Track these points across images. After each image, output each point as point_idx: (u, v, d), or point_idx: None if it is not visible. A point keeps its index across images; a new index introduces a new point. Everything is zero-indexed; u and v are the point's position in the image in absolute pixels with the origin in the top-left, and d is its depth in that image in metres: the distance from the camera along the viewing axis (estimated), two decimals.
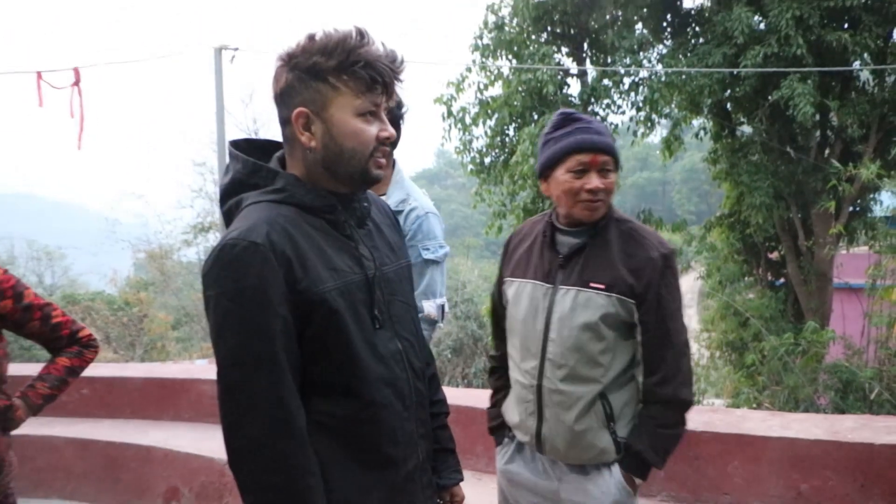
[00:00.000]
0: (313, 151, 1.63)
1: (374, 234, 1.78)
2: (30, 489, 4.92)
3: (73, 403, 5.54)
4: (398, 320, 1.75)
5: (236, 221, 1.61)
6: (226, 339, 1.53)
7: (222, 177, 1.74)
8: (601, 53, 15.78)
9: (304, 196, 1.64)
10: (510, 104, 15.47)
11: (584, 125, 2.25)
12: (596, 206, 2.22)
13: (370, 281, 1.68)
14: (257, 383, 1.51)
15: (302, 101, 1.61)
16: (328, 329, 1.59)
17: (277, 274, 1.52)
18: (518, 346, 2.34)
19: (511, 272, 2.40)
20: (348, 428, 1.63)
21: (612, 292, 2.19)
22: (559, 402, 2.24)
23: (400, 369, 1.71)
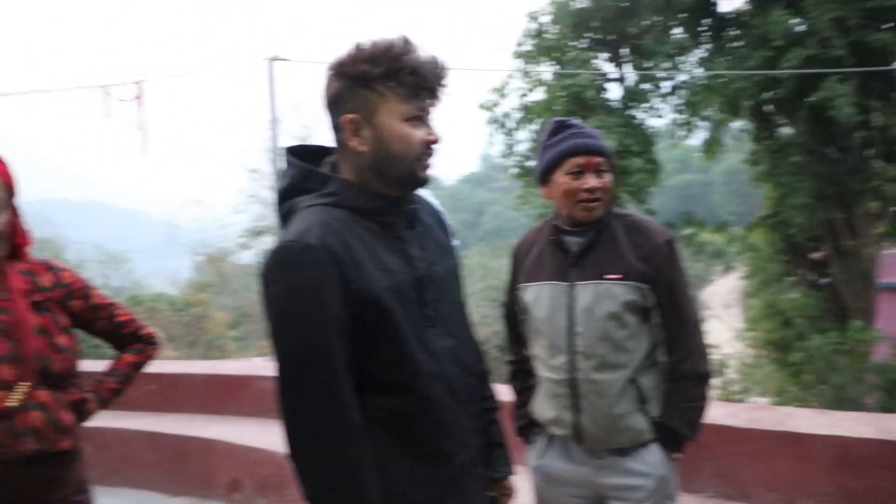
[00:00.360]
0: (363, 156, 1.64)
1: (423, 235, 1.78)
2: (104, 478, 5.02)
3: (141, 398, 5.66)
4: (449, 318, 1.76)
5: (292, 224, 1.62)
6: (283, 337, 1.55)
7: (278, 182, 1.76)
8: (640, 58, 15.65)
9: (355, 199, 1.65)
10: (552, 109, 15.41)
11: (577, 130, 2.36)
12: (594, 206, 2.32)
13: (420, 280, 1.69)
14: (314, 379, 1.53)
15: (351, 108, 1.63)
16: (381, 327, 1.60)
17: (331, 274, 1.53)
18: (545, 345, 2.37)
19: (526, 278, 2.44)
20: (402, 422, 1.64)
21: (628, 280, 2.27)
22: (594, 390, 2.28)
23: (451, 365, 1.71)
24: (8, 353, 1.88)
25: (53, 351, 1.96)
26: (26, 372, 1.89)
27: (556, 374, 2.34)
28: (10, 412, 1.86)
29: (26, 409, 1.89)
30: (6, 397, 1.86)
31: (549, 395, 2.39)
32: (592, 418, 2.30)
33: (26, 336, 1.91)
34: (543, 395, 2.42)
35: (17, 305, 1.92)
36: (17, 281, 1.96)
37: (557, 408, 2.36)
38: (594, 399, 2.29)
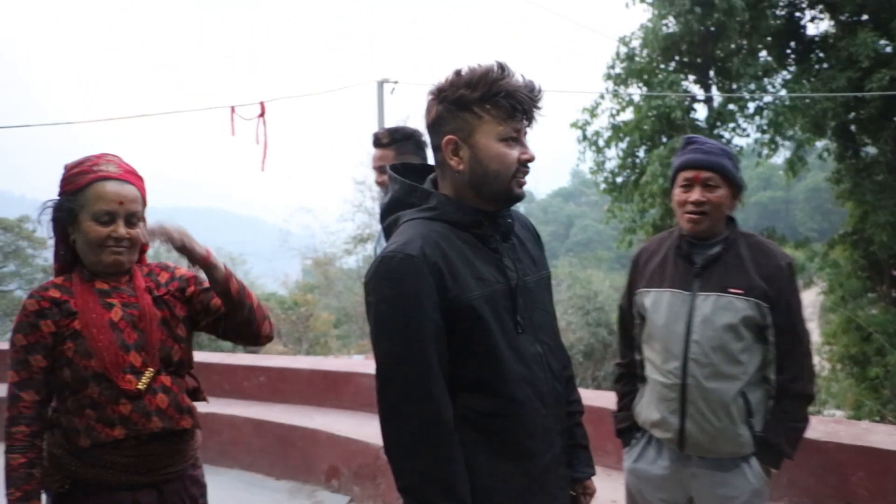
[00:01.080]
0: (461, 174, 1.67)
1: (517, 247, 1.79)
2: (216, 459, 5.20)
3: (252, 388, 5.83)
4: (539, 326, 1.76)
5: (395, 236, 1.66)
6: (383, 339, 1.59)
7: (382, 196, 1.81)
8: (727, 80, 15.25)
9: (454, 213, 1.67)
10: (640, 128, 15.21)
11: (696, 146, 2.34)
12: (698, 219, 2.29)
13: (513, 289, 1.69)
14: (410, 379, 1.55)
15: (451, 130, 1.65)
16: (474, 332, 1.61)
17: (430, 283, 1.55)
18: (659, 350, 2.34)
19: (646, 283, 2.41)
20: (491, 422, 1.64)
21: (749, 296, 2.24)
22: (704, 398, 2.25)
23: (540, 370, 1.71)
24: (136, 342, 1.99)
25: (173, 341, 2.07)
26: (152, 359, 2.00)
27: (667, 379, 2.31)
28: (140, 394, 1.97)
29: (153, 391, 1.99)
30: (137, 381, 1.96)
31: (657, 398, 2.35)
32: (699, 425, 2.27)
33: (151, 327, 2.02)
34: (651, 397, 2.38)
35: (143, 301, 2.04)
36: (141, 280, 2.09)
37: (664, 411, 2.32)
38: (703, 406, 2.26)
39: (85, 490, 1.96)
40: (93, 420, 1.94)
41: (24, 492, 1.89)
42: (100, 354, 1.93)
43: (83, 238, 1.99)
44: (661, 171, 14.00)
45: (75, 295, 1.99)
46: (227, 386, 5.86)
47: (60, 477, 1.98)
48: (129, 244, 2.00)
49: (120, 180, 2.00)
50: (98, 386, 1.93)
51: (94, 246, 1.98)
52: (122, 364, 1.95)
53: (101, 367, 1.92)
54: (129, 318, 2.01)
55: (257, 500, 4.74)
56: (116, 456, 1.96)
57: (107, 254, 1.99)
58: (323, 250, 25.91)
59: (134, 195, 2.02)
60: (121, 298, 2.03)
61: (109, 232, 1.97)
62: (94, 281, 2.03)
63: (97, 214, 1.97)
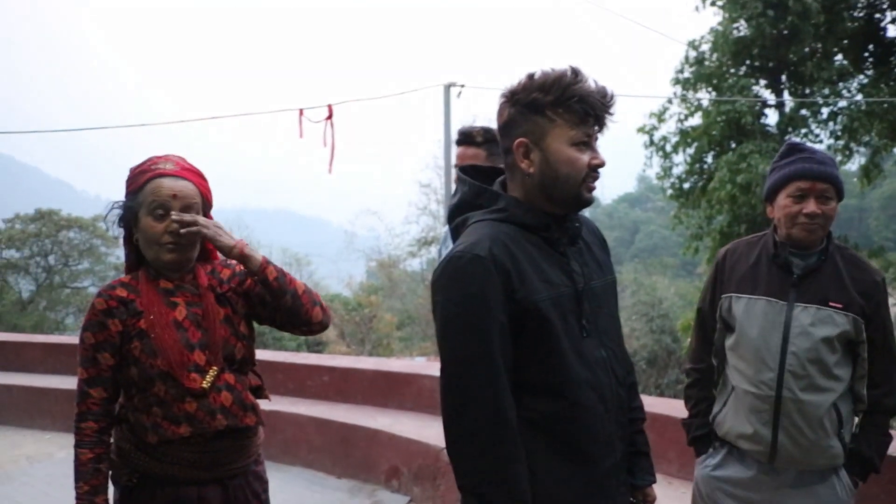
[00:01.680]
0: (531, 177, 1.66)
1: (584, 251, 1.78)
2: (279, 456, 5.29)
3: (315, 388, 5.90)
4: (604, 331, 1.74)
5: (463, 237, 1.67)
6: (450, 338, 1.59)
7: (450, 198, 1.81)
8: (799, 84, 14.82)
9: (522, 216, 1.67)
10: (709, 133, 14.89)
11: (807, 155, 2.28)
12: (813, 229, 2.25)
13: (579, 293, 1.68)
14: (475, 379, 1.55)
15: (522, 133, 1.65)
16: (540, 335, 1.60)
17: (497, 284, 1.55)
18: (751, 360, 2.29)
19: (735, 288, 2.36)
20: (554, 425, 1.63)
21: (848, 311, 2.23)
22: (798, 410, 2.22)
23: (604, 375, 1.70)
24: (200, 341, 2.01)
25: (236, 339, 2.09)
26: (215, 357, 2.02)
27: (759, 390, 2.27)
28: (205, 392, 1.99)
29: (218, 389, 2.02)
30: (202, 380, 1.99)
31: (747, 409, 2.30)
32: (792, 438, 2.24)
33: (215, 326, 2.04)
34: (739, 408, 2.34)
35: (206, 299, 2.06)
36: (204, 279, 2.11)
37: (756, 423, 2.28)
38: (798, 419, 2.23)
39: (152, 484, 2.00)
40: (159, 417, 1.97)
41: (91, 486, 1.95)
42: (165, 354, 1.95)
43: (143, 236, 2.01)
44: (729, 176, 13.69)
45: (141, 294, 2.02)
46: (290, 385, 5.95)
47: (129, 471, 2.02)
48: (185, 240, 2.01)
49: (175, 176, 2.02)
50: (164, 384, 1.97)
51: (152, 243, 2.00)
52: (186, 363, 1.97)
53: (167, 367, 1.95)
54: (193, 316, 2.03)
55: (318, 498, 4.80)
56: (183, 452, 1.99)
57: (164, 251, 2.00)
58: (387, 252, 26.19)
59: (189, 190, 2.03)
60: (185, 297, 2.05)
61: (165, 227, 1.99)
62: (159, 280, 2.05)
63: (152, 209, 1.99)
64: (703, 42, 15.65)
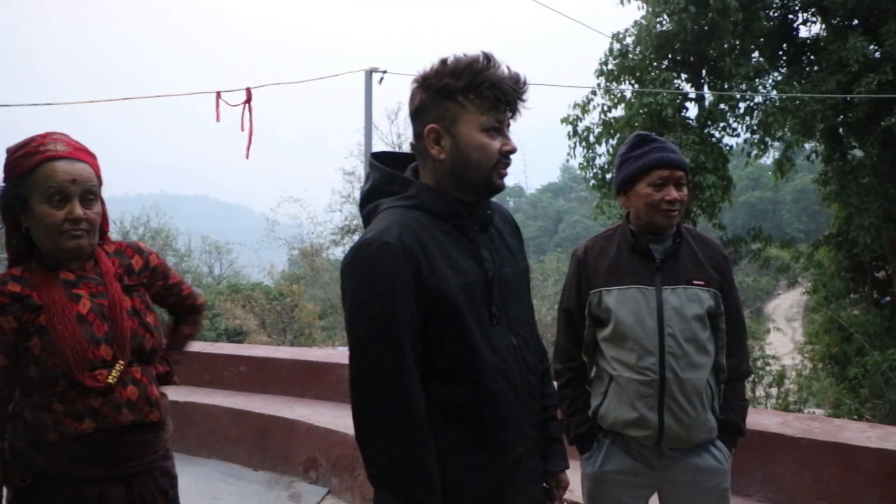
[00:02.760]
0: (442, 163, 1.67)
1: (495, 239, 1.80)
2: (194, 449, 5.19)
3: (232, 378, 5.82)
4: (515, 318, 1.76)
5: (373, 223, 1.66)
6: (358, 326, 1.59)
7: (363, 184, 1.80)
8: (718, 79, 15.31)
9: (433, 203, 1.68)
10: (631, 125, 15.22)
11: (660, 145, 2.42)
12: (674, 215, 2.39)
13: (489, 280, 1.70)
14: (384, 368, 1.55)
15: (433, 118, 1.66)
16: (449, 322, 1.61)
17: (406, 271, 1.56)
18: (631, 347, 2.34)
19: (604, 282, 2.43)
20: (464, 412, 1.64)
21: (710, 287, 2.37)
22: (681, 390, 2.31)
23: (514, 362, 1.72)
24: (106, 335, 1.92)
25: (145, 330, 2.01)
26: (122, 350, 1.94)
27: (644, 376, 2.33)
28: (111, 387, 1.91)
29: (123, 383, 1.94)
30: (107, 375, 1.90)
31: (632, 396, 2.35)
32: (677, 418, 2.32)
33: (122, 318, 1.95)
34: (623, 397, 2.37)
35: (112, 289, 1.97)
36: (108, 265, 2.01)
37: (642, 409, 2.34)
38: (681, 398, 2.32)
39: (49, 484, 1.90)
40: (61, 414, 1.87)
41: None
42: (65, 352, 1.84)
43: (38, 224, 1.89)
44: None
45: (38, 287, 1.90)
46: (207, 375, 5.85)
47: (23, 471, 1.90)
48: (87, 226, 1.91)
49: (70, 158, 1.90)
50: (67, 382, 1.86)
51: (52, 232, 1.88)
52: (91, 360, 1.87)
53: (67, 366, 1.85)
54: (98, 308, 1.93)
55: (234, 491, 4.73)
56: (84, 450, 1.90)
57: (66, 239, 1.89)
58: (310, 241, 25.84)
59: (87, 172, 1.92)
60: (88, 288, 1.95)
61: (65, 214, 1.88)
62: (59, 271, 1.94)
63: (49, 195, 1.86)
64: (626, 35, 15.95)
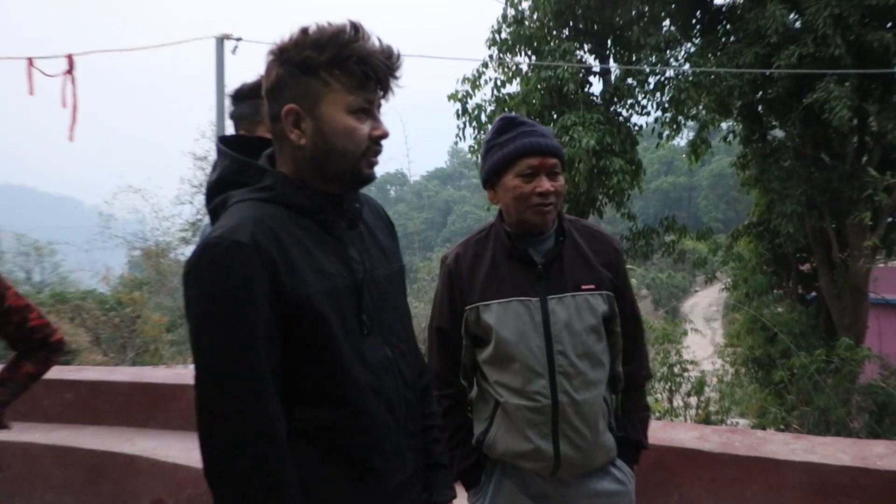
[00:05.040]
0: (303, 149, 1.65)
1: (365, 236, 1.80)
2: (5, 499, 4.94)
3: (55, 408, 5.56)
4: (389, 327, 1.77)
5: (221, 220, 1.63)
6: (205, 341, 1.55)
7: (210, 174, 1.76)
8: (626, 51, 15.74)
9: (292, 195, 1.66)
10: (529, 102, 15.45)
11: (528, 129, 2.35)
12: (547, 210, 2.32)
13: (359, 284, 1.70)
14: (237, 389, 1.53)
15: (292, 97, 1.63)
16: (313, 334, 1.60)
17: (262, 275, 1.53)
18: (518, 369, 2.32)
19: (481, 296, 2.38)
20: (332, 438, 1.64)
21: (601, 290, 2.34)
22: (577, 412, 2.30)
23: (389, 378, 1.72)
24: None
25: None
26: None
27: (533, 402, 2.30)
28: None
29: None
30: None
31: (523, 425, 2.32)
32: (573, 444, 2.31)
33: None
34: (512, 425, 2.35)
35: None
36: None
37: (536, 438, 2.31)
38: (577, 422, 2.30)
39: None
40: None
41: None
42: None
43: None
44: None
45: None
46: (22, 406, 5.55)
47: None
48: None
49: None
50: None
51: None
52: None
53: None
54: None
55: None
56: None
57: None
58: (154, 239, 25.04)
59: None
60: None
61: None
62: None
63: None
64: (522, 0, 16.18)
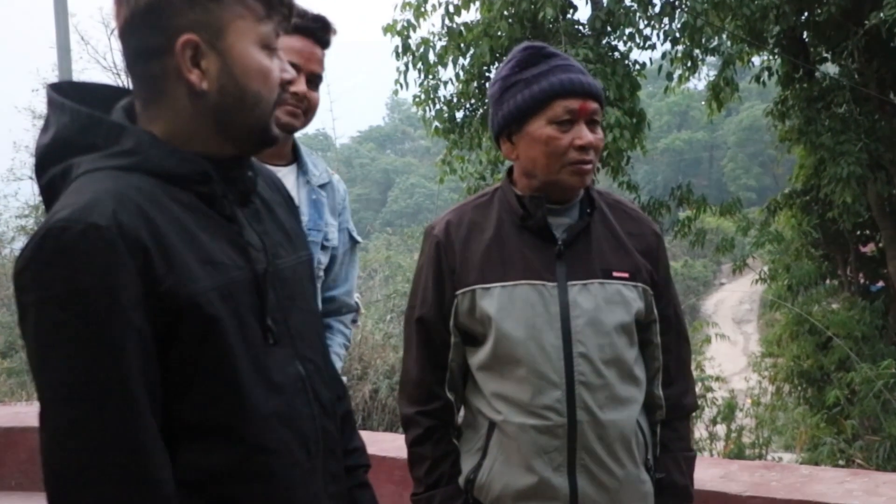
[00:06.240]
0: (202, 97, 1.64)
1: (262, 215, 1.80)
2: None
3: None
4: (299, 334, 1.77)
5: (65, 197, 1.58)
6: (54, 363, 1.49)
7: (40, 136, 1.70)
8: None
9: (164, 160, 1.62)
10: (492, 35, 15.22)
11: (563, 62, 2.34)
12: (587, 169, 2.31)
13: (260, 278, 1.69)
14: (102, 424, 1.48)
15: (188, 25, 1.61)
16: (202, 346, 1.58)
17: (129, 269, 1.50)
18: (524, 377, 2.31)
19: (479, 276, 2.37)
20: (229, 486, 1.63)
21: (637, 281, 2.35)
22: (600, 437, 2.29)
23: (302, 402, 1.73)
24: None
25: None
26: None
27: (544, 420, 2.29)
28: None
29: None
30: None
31: (528, 452, 2.31)
32: (596, 479, 2.30)
33: None
34: (513, 454, 2.34)
35: None
36: None
37: (544, 469, 2.30)
38: (601, 450, 2.29)
39: None
40: None
41: None
42: None
43: None
44: None
45: None
46: None
47: None
48: None
49: None
50: None
51: None
52: None
53: None
54: None
55: None
56: None
57: None
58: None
59: None
60: None
61: None
62: None
63: None
64: None
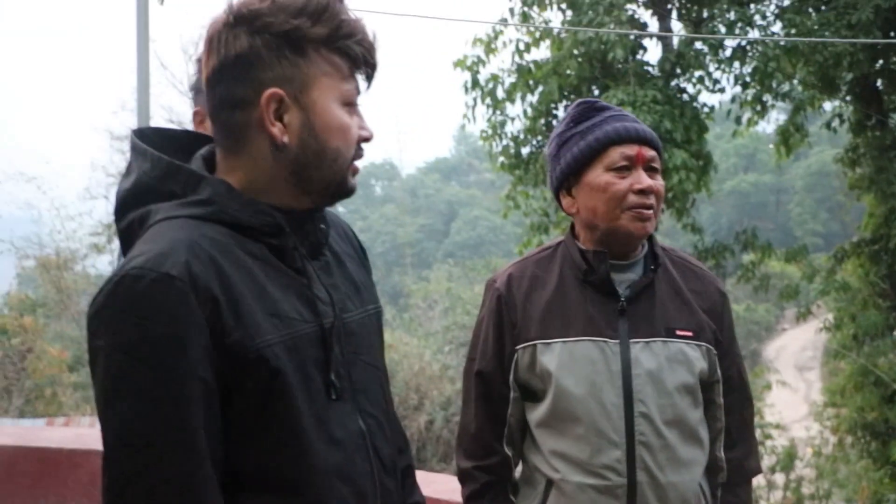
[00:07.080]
0: (284, 150, 1.65)
1: (333, 268, 1.80)
2: None
3: None
4: (362, 389, 1.77)
5: (141, 244, 1.60)
6: (120, 408, 1.52)
7: (122, 180, 1.74)
8: (694, 5, 15.59)
9: (238, 211, 1.64)
10: (561, 73, 15.25)
11: (617, 113, 2.37)
12: (648, 215, 2.30)
13: (326, 333, 1.69)
14: (163, 473, 1.51)
15: (275, 78, 1.63)
16: (266, 398, 1.59)
17: (199, 320, 1.52)
18: (583, 434, 2.31)
19: (539, 331, 2.37)
20: None
21: (700, 341, 2.33)
22: (660, 499, 2.28)
23: (362, 458, 1.72)
24: None
25: None
26: None
27: (603, 480, 2.28)
28: None
29: None
30: None
31: None
32: None
33: None
34: None
35: None
36: None
37: None
38: None
39: None
40: None
41: None
42: None
43: None
44: None
45: None
46: None
47: None
48: None
49: None
50: None
51: None
52: None
53: None
54: None
55: None
56: None
57: None
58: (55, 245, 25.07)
59: None
60: None
61: None
62: None
63: None
64: None
